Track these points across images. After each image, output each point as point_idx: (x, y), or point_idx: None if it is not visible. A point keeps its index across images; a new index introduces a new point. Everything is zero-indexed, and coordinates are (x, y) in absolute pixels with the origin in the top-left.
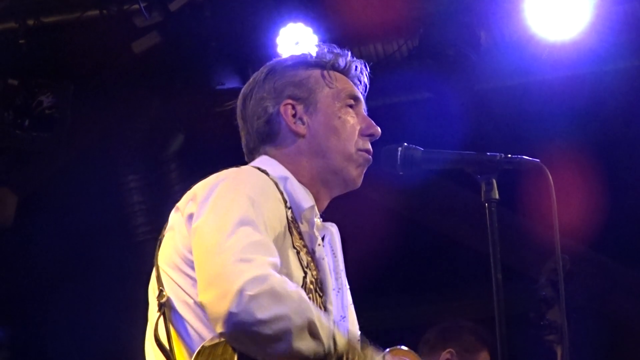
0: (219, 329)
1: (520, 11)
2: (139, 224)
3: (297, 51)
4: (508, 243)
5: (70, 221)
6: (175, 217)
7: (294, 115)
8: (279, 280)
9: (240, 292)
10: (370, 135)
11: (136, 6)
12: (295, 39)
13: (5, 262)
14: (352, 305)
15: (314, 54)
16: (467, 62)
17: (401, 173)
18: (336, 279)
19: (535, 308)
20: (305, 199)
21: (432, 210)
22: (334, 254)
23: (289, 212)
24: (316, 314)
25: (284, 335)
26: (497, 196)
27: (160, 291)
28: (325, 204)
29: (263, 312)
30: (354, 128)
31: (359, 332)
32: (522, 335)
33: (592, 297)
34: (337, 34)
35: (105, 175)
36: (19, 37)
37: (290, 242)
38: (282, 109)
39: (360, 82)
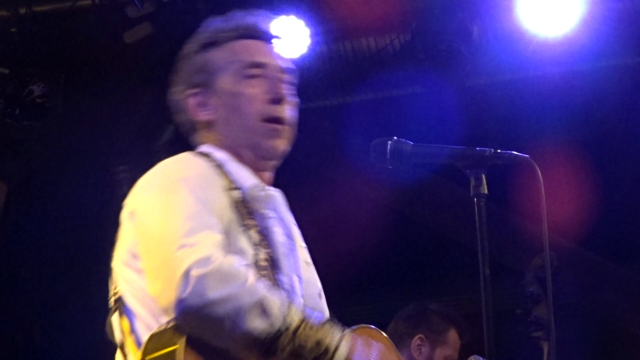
0: (171, 315)
1: (512, 7)
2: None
3: (202, 29)
4: (498, 239)
5: (60, 211)
6: (124, 215)
7: (198, 104)
8: (224, 260)
9: (186, 275)
10: (272, 101)
11: None
12: (287, 32)
13: None
14: (312, 265)
15: (217, 28)
16: (460, 57)
17: (390, 167)
18: (290, 241)
19: (522, 304)
20: (246, 177)
21: (424, 206)
22: (282, 219)
23: (236, 192)
24: (267, 292)
25: (235, 315)
26: (486, 191)
27: (115, 290)
28: (269, 175)
29: (211, 292)
30: (255, 99)
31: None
32: (509, 332)
33: (580, 293)
34: (329, 27)
35: (95, 165)
36: (11, 26)
37: (239, 221)
38: (188, 100)
39: (269, 37)
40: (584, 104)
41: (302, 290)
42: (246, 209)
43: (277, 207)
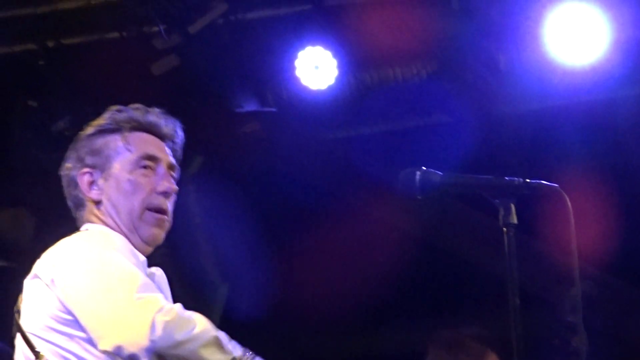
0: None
1: (539, 36)
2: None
3: (105, 114)
4: (527, 268)
5: None
6: (35, 284)
7: (90, 183)
8: (177, 308)
9: (154, 321)
10: (161, 193)
11: (156, 28)
12: (314, 62)
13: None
14: None
15: (120, 117)
16: (486, 86)
17: (419, 197)
18: None
19: (559, 334)
20: (136, 252)
21: (452, 236)
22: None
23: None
24: (216, 330)
25: (200, 351)
26: (515, 221)
27: (36, 353)
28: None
29: (178, 334)
30: (144, 187)
31: None
32: None
33: (609, 321)
34: (356, 58)
35: None
36: (39, 59)
37: None
38: (80, 177)
39: (169, 140)
40: (611, 132)
41: None
42: None
43: (160, 285)
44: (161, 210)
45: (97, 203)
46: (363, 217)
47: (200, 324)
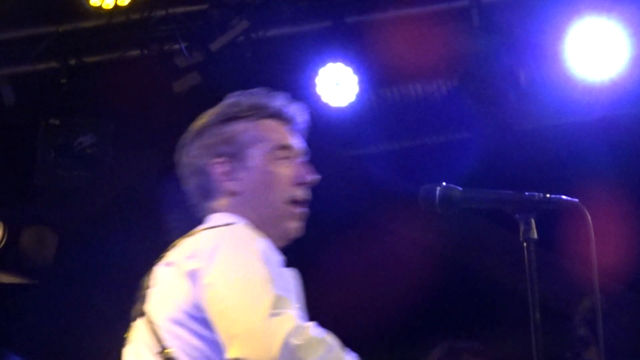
0: None
1: (559, 52)
2: None
3: (228, 102)
4: (548, 283)
5: (110, 261)
6: (169, 272)
7: (225, 173)
8: (311, 327)
9: (286, 342)
10: (303, 184)
11: (177, 46)
12: (335, 79)
13: (45, 301)
14: None
15: (246, 103)
16: (507, 102)
17: (440, 212)
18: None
19: (571, 347)
20: (277, 253)
21: (473, 251)
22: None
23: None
24: (346, 355)
25: None
26: (535, 236)
27: (163, 347)
28: None
29: (310, 358)
30: (285, 179)
31: None
32: None
33: (632, 337)
34: (377, 74)
35: (145, 214)
36: (61, 77)
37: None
38: (214, 167)
39: (298, 125)
40: (632, 147)
41: None
42: None
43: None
44: (301, 203)
45: (234, 194)
46: (384, 234)
47: (331, 348)
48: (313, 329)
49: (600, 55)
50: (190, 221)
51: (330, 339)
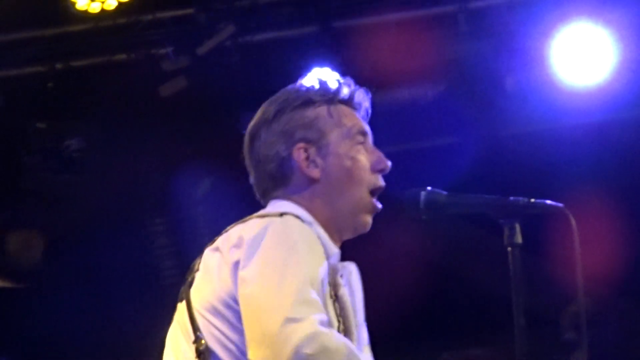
0: None
1: (546, 57)
2: (166, 267)
3: (301, 84)
4: (533, 289)
5: (97, 264)
6: (214, 258)
7: (307, 159)
8: (328, 336)
9: (297, 351)
10: (381, 171)
11: (163, 50)
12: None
13: (32, 305)
14: (369, 345)
15: (317, 86)
16: (493, 108)
17: (424, 217)
18: (355, 317)
19: (557, 352)
20: (330, 244)
21: (457, 256)
22: (352, 291)
23: (327, 262)
24: None
25: None
26: (520, 241)
27: (198, 337)
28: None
29: None
30: (365, 166)
31: None
32: None
33: (619, 342)
34: (363, 79)
35: (132, 218)
36: (48, 81)
37: (329, 292)
38: (295, 153)
39: (364, 111)
40: (618, 153)
41: None
42: (333, 279)
43: (351, 280)
44: (382, 188)
45: (314, 181)
46: (371, 240)
47: (346, 358)
48: (330, 337)
49: (586, 60)
50: (179, 226)
51: (346, 349)
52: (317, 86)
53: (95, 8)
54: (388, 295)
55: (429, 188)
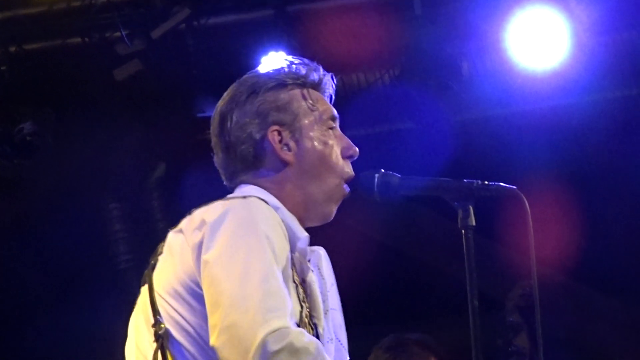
0: None
1: (501, 41)
2: (120, 252)
3: (272, 67)
4: (487, 271)
5: (52, 249)
6: (177, 241)
7: (280, 142)
8: (297, 334)
9: (263, 347)
10: (350, 157)
11: (118, 34)
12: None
13: None
14: (344, 327)
15: (287, 69)
16: (449, 92)
17: (378, 200)
18: (323, 301)
19: (502, 334)
20: (299, 229)
21: (411, 239)
22: (321, 276)
23: (291, 247)
24: None
25: None
26: (473, 223)
27: (157, 320)
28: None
29: None
30: (337, 152)
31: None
32: None
33: (570, 326)
34: (319, 63)
35: (87, 202)
36: (1, 64)
37: (291, 276)
38: (269, 135)
39: (329, 96)
40: (573, 137)
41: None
42: (296, 264)
43: (320, 265)
44: (351, 176)
45: (286, 164)
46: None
47: (313, 358)
48: (298, 336)
49: (542, 44)
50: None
51: (315, 349)
52: (287, 69)
53: None
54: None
55: (382, 170)
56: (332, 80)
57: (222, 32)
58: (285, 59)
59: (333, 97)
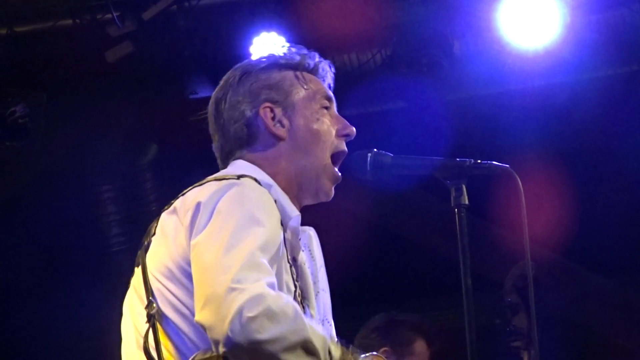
0: (219, 348)
1: (493, 20)
2: (114, 234)
3: (266, 52)
4: (480, 250)
5: (44, 231)
6: (171, 221)
7: (272, 118)
8: (274, 299)
9: (239, 313)
10: (346, 136)
11: (109, 15)
12: (269, 48)
13: None
14: (330, 308)
15: (282, 56)
16: (441, 71)
17: (371, 179)
18: (314, 282)
19: (500, 314)
20: (291, 207)
21: (404, 218)
22: (312, 257)
23: (284, 226)
24: (311, 330)
25: (283, 353)
26: (466, 202)
27: (150, 301)
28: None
29: (262, 333)
30: (330, 130)
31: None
32: (493, 344)
33: (564, 305)
34: (311, 43)
35: (79, 185)
36: None
37: (285, 255)
38: (261, 112)
39: (327, 83)
40: (565, 116)
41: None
42: (290, 243)
43: (311, 245)
44: (345, 152)
45: (280, 140)
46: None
47: (293, 320)
48: (276, 300)
49: (533, 23)
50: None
51: (292, 311)
52: (282, 54)
53: None
54: (333, 257)
55: (375, 150)
56: (331, 68)
57: (214, 13)
58: (283, 46)
59: (332, 85)
